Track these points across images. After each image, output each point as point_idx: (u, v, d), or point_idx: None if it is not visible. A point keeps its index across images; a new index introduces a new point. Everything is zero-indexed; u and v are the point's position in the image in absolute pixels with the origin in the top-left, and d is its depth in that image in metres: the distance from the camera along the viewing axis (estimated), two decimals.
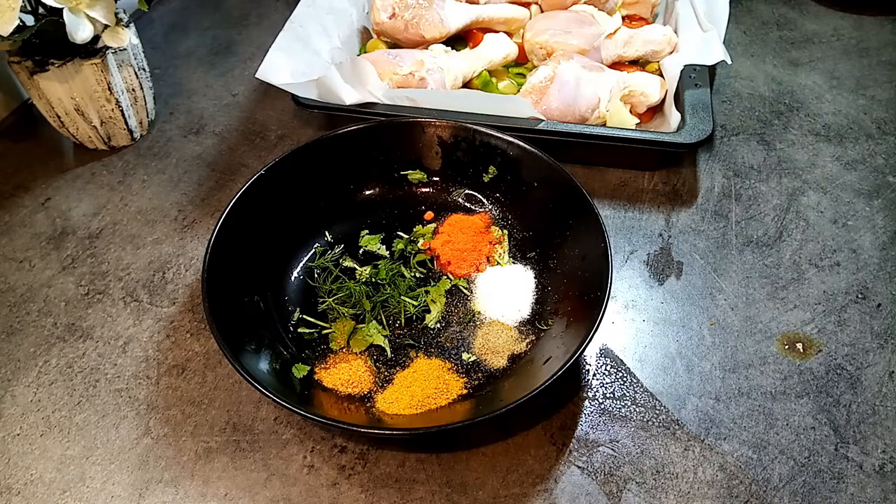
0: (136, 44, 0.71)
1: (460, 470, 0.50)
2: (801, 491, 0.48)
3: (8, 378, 0.56)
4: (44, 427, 0.53)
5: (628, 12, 0.83)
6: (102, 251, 0.66)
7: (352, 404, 0.52)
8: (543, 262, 0.61)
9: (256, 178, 0.59)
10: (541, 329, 0.56)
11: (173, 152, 0.76)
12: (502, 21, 0.80)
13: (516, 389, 0.49)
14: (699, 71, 0.71)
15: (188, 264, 0.64)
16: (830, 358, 0.55)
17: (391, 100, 0.69)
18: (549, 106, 0.68)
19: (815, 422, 0.52)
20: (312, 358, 0.55)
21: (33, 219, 0.69)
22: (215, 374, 0.56)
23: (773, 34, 0.89)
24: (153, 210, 0.70)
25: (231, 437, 0.52)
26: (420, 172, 0.66)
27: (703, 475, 0.49)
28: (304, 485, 0.49)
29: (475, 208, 0.66)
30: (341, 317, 0.58)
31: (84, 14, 0.63)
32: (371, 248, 0.63)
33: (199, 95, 0.83)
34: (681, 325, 0.58)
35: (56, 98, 0.68)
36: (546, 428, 0.52)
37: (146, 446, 0.52)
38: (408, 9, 0.76)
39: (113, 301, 0.62)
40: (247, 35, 0.92)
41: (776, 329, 0.58)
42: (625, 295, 0.60)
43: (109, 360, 0.57)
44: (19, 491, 0.50)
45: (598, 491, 0.48)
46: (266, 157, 0.74)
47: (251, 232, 0.58)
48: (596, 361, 0.56)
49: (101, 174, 0.73)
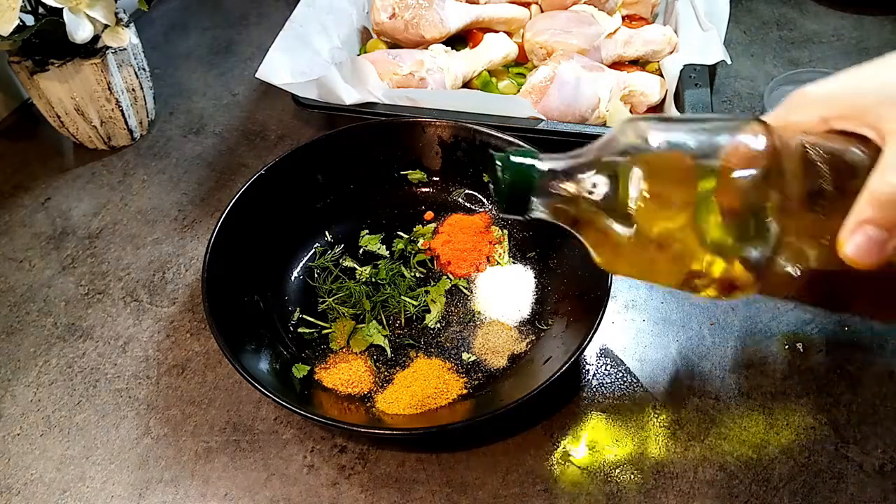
0: (136, 43, 0.71)
1: (460, 470, 0.50)
2: (801, 491, 0.48)
3: (8, 378, 0.56)
4: (44, 427, 0.53)
5: (628, 12, 0.83)
6: (102, 251, 0.66)
7: (352, 404, 0.52)
8: (543, 262, 0.61)
9: (256, 178, 0.59)
10: (541, 329, 0.56)
11: (173, 152, 0.76)
12: (502, 21, 0.80)
13: (516, 389, 0.49)
14: (699, 71, 0.71)
15: (188, 264, 0.64)
16: (831, 358, 0.55)
17: (391, 100, 0.69)
18: (549, 106, 0.68)
19: (815, 422, 0.52)
20: (312, 358, 0.55)
21: (33, 219, 0.69)
22: (215, 374, 0.56)
23: (773, 34, 0.89)
24: (153, 210, 0.70)
25: (231, 436, 0.52)
26: (420, 172, 0.66)
27: (703, 475, 0.49)
28: (304, 485, 0.49)
29: (475, 208, 0.66)
30: (341, 317, 0.58)
31: (84, 14, 0.63)
32: (371, 248, 0.63)
33: (199, 95, 0.83)
34: (681, 325, 0.58)
35: (56, 98, 0.68)
36: (546, 428, 0.52)
37: (146, 446, 0.52)
38: (408, 9, 0.76)
39: (113, 301, 0.62)
40: (247, 35, 0.92)
41: (776, 329, 0.57)
42: (625, 295, 0.60)
43: (109, 360, 0.57)
44: (19, 491, 0.50)
45: (598, 491, 0.48)
46: (266, 157, 0.74)
47: (251, 232, 0.58)
48: (596, 361, 0.56)
49: (101, 174, 0.73)
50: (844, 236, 0.34)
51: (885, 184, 0.33)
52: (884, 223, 0.33)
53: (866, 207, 0.33)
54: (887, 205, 0.33)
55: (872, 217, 0.33)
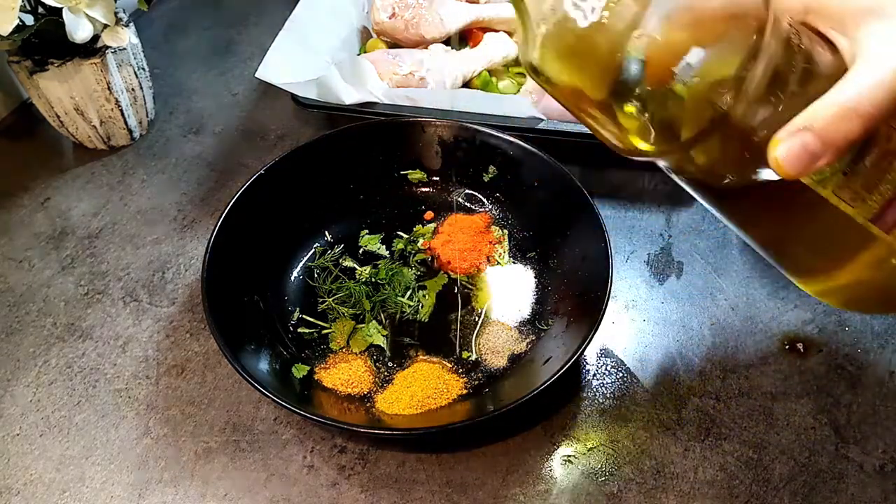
0: (135, 43, 0.71)
1: (460, 470, 0.50)
2: (801, 491, 0.48)
3: (7, 378, 0.56)
4: (43, 427, 0.53)
5: None
6: (102, 251, 0.66)
7: (352, 404, 0.52)
8: (543, 262, 0.61)
9: (256, 177, 0.59)
10: (541, 329, 0.56)
11: (173, 152, 0.76)
12: (502, 21, 0.80)
13: (516, 389, 0.49)
14: None
15: (188, 264, 0.64)
16: (831, 358, 0.55)
17: (391, 99, 0.68)
18: (549, 106, 0.68)
19: (815, 422, 0.52)
20: (312, 358, 0.55)
21: (33, 218, 0.69)
22: (215, 374, 0.56)
23: None
24: (153, 210, 0.70)
25: (231, 437, 0.52)
26: (420, 172, 0.66)
27: (703, 475, 0.49)
28: (304, 485, 0.49)
29: (475, 208, 0.66)
30: (341, 317, 0.57)
31: (84, 13, 0.63)
32: (371, 248, 0.63)
33: (199, 95, 0.83)
34: (681, 325, 0.58)
35: (56, 98, 0.68)
36: (546, 428, 0.52)
37: (146, 446, 0.52)
38: (408, 8, 0.76)
39: (112, 301, 0.62)
40: (247, 35, 0.92)
41: (777, 329, 0.57)
42: (625, 295, 0.60)
43: (109, 360, 0.57)
44: (19, 491, 0.50)
45: (598, 491, 0.48)
46: (266, 156, 0.74)
47: (251, 232, 0.58)
48: (596, 361, 0.56)
49: (100, 174, 0.73)
50: (781, 136, 0.33)
51: (842, 96, 0.32)
52: (826, 136, 0.32)
53: (814, 115, 0.32)
54: (836, 119, 0.32)
55: (818, 126, 0.32)
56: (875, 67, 0.32)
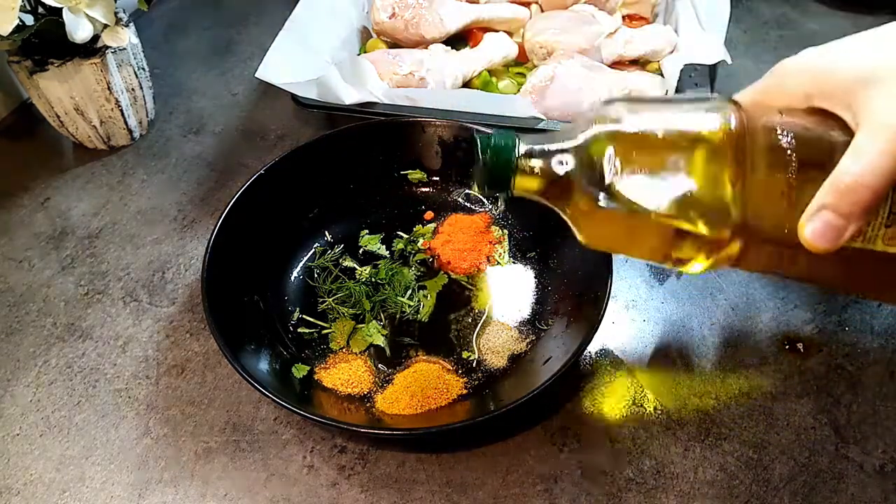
0: (135, 43, 0.71)
1: (460, 470, 0.50)
2: (801, 491, 0.48)
3: (7, 378, 0.56)
4: (43, 427, 0.53)
5: (629, 11, 0.83)
6: (102, 251, 0.66)
7: (352, 404, 0.52)
8: (543, 262, 0.61)
9: (256, 177, 0.59)
10: (541, 329, 0.56)
11: (173, 152, 0.76)
12: (502, 21, 0.80)
13: (516, 389, 0.49)
14: (699, 71, 0.71)
15: (188, 264, 0.64)
16: (831, 358, 0.55)
17: (391, 99, 0.69)
18: (549, 106, 0.68)
19: (815, 422, 0.52)
20: (312, 358, 0.55)
21: (33, 218, 0.69)
22: (215, 374, 0.56)
23: (773, 34, 0.89)
24: (153, 210, 0.70)
25: (231, 437, 0.52)
26: (420, 172, 0.66)
27: (703, 475, 0.49)
28: (304, 485, 0.49)
29: (475, 208, 0.66)
30: (341, 317, 0.57)
31: (84, 13, 0.63)
32: (371, 248, 0.63)
33: (199, 95, 0.83)
34: (681, 325, 0.58)
35: (55, 98, 0.68)
36: (546, 428, 0.52)
37: (146, 446, 0.52)
38: (408, 8, 0.76)
39: (112, 301, 0.62)
40: (247, 35, 0.92)
41: (777, 329, 0.57)
42: (625, 295, 0.60)
43: (109, 360, 0.57)
44: (19, 491, 0.50)
45: (598, 491, 0.48)
46: (266, 156, 0.74)
47: (251, 232, 0.58)
48: (596, 361, 0.56)
49: (100, 174, 0.73)
50: (804, 219, 0.35)
51: (846, 172, 0.33)
52: (842, 210, 0.33)
53: (827, 193, 0.34)
54: (847, 192, 0.33)
55: (831, 203, 0.34)
56: (876, 135, 0.33)
